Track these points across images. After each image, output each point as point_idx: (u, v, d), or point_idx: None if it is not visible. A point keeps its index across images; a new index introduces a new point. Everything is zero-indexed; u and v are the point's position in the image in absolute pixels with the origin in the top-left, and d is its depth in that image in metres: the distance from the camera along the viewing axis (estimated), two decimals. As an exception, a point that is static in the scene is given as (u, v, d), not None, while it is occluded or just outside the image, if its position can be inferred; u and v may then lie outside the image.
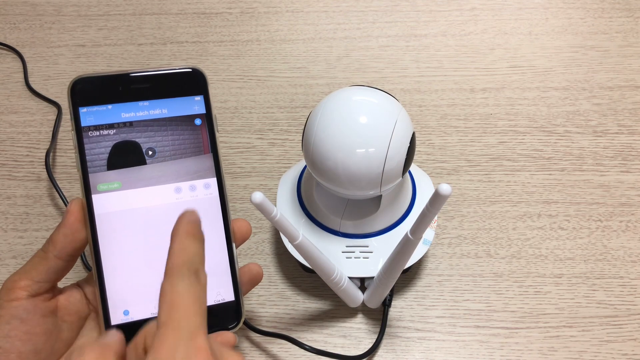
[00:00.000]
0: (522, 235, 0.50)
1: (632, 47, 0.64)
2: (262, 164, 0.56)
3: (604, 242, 0.50)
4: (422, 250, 0.43)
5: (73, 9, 0.70)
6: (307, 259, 0.38)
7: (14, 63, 0.65)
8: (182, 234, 0.24)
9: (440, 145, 0.56)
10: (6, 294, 0.28)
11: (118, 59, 0.64)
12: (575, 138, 0.56)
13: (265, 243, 0.50)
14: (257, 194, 0.33)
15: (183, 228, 0.25)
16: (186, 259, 0.24)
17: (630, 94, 0.60)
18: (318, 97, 0.61)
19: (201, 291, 0.24)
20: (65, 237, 0.29)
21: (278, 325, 0.46)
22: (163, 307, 0.23)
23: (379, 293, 0.42)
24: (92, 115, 0.30)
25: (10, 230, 0.52)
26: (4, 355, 0.27)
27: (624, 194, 0.52)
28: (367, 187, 0.39)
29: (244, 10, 0.69)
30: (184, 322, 0.22)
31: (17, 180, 0.55)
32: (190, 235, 0.25)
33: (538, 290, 0.47)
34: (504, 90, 0.61)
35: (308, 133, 0.40)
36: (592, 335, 0.45)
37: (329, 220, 0.44)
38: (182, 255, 0.24)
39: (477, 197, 0.53)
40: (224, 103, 0.60)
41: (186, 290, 0.23)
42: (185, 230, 0.25)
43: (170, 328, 0.22)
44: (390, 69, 0.63)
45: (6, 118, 0.60)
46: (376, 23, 0.68)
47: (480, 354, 0.44)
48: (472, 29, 0.67)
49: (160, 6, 0.70)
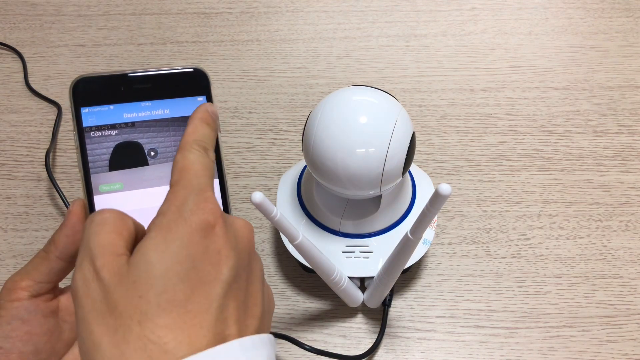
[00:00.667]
0: (522, 235, 0.50)
1: (632, 47, 0.64)
2: (262, 163, 0.56)
3: (604, 242, 0.50)
4: (422, 250, 0.43)
5: (73, 8, 0.70)
6: (307, 258, 0.38)
7: (14, 63, 0.65)
8: (196, 119, 0.27)
9: (440, 145, 0.56)
10: (7, 294, 0.28)
11: (118, 59, 0.64)
12: (575, 138, 0.56)
13: (265, 243, 0.51)
14: (257, 194, 0.33)
15: (199, 114, 0.27)
16: (197, 138, 0.26)
17: (630, 94, 0.60)
18: (318, 97, 0.61)
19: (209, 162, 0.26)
20: (67, 237, 0.29)
21: (278, 325, 0.46)
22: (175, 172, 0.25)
23: (379, 293, 0.42)
24: (93, 115, 0.30)
25: (10, 230, 0.52)
26: (5, 356, 0.27)
27: (624, 194, 0.52)
28: (367, 187, 0.39)
29: (244, 10, 0.69)
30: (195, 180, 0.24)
31: (17, 180, 0.55)
32: (203, 121, 0.27)
33: (538, 290, 0.47)
34: (504, 90, 0.61)
35: (308, 133, 0.40)
36: (592, 335, 0.45)
37: (329, 220, 0.44)
38: (193, 134, 0.26)
39: (477, 197, 0.53)
40: (224, 103, 0.60)
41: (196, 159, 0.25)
42: (200, 116, 0.27)
43: (181, 186, 0.24)
44: (390, 69, 0.63)
45: (6, 118, 0.60)
46: (376, 23, 0.68)
47: (480, 354, 0.44)
48: (472, 28, 0.67)
49: (160, 6, 0.70)
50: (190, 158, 0.25)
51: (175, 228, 0.23)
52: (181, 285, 0.22)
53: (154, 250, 0.22)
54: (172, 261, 0.22)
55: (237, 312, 0.23)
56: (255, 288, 0.25)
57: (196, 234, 0.23)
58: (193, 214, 0.23)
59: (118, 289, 0.22)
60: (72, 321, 0.30)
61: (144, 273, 0.22)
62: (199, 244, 0.23)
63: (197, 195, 0.24)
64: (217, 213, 0.24)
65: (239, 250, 0.24)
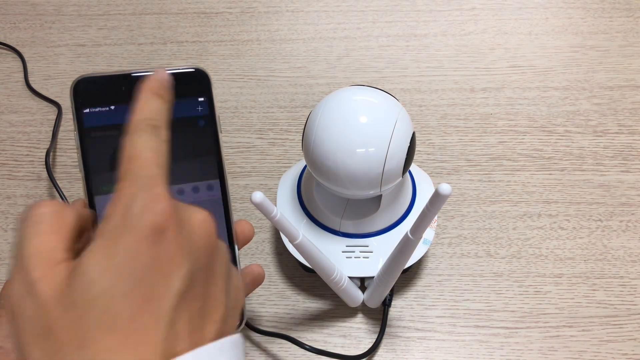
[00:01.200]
0: (522, 235, 0.50)
1: (632, 47, 0.64)
2: (262, 163, 0.56)
3: (604, 242, 0.50)
4: (422, 250, 0.43)
5: (73, 8, 0.70)
6: (307, 258, 0.38)
7: (14, 63, 0.65)
8: (145, 91, 0.24)
9: (440, 145, 0.56)
10: (7, 294, 0.28)
11: (118, 59, 0.64)
12: (575, 138, 0.56)
13: (265, 243, 0.51)
14: (257, 194, 0.33)
15: (147, 85, 0.24)
16: (146, 116, 0.23)
17: (630, 93, 0.60)
18: (318, 97, 0.61)
19: (160, 145, 0.23)
20: None
21: (278, 325, 0.46)
22: (122, 162, 0.22)
23: (379, 293, 0.42)
24: (95, 115, 0.30)
25: (10, 230, 0.52)
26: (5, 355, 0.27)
27: (624, 193, 0.52)
28: (367, 186, 0.39)
29: (244, 10, 0.69)
30: (141, 172, 0.22)
31: (17, 180, 0.55)
32: (153, 93, 0.24)
33: (538, 290, 0.47)
34: (504, 90, 0.61)
35: (308, 133, 0.40)
36: (592, 335, 0.45)
37: (329, 220, 0.44)
38: (142, 112, 0.23)
39: (477, 197, 0.53)
40: (224, 103, 0.60)
41: (144, 144, 0.22)
42: (149, 87, 0.24)
43: (127, 180, 0.21)
44: (390, 68, 0.63)
45: (6, 118, 0.60)
46: (376, 23, 0.68)
47: (480, 354, 0.44)
48: (472, 28, 0.67)
49: (160, 6, 0.70)
50: (137, 143, 0.22)
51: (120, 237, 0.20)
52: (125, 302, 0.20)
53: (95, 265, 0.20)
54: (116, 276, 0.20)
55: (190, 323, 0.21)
56: (216, 289, 0.23)
57: (143, 242, 0.20)
58: (139, 219, 0.20)
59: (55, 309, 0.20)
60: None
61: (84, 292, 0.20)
62: (146, 254, 0.20)
63: (145, 192, 0.21)
64: (168, 213, 0.21)
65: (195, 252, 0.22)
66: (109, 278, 0.20)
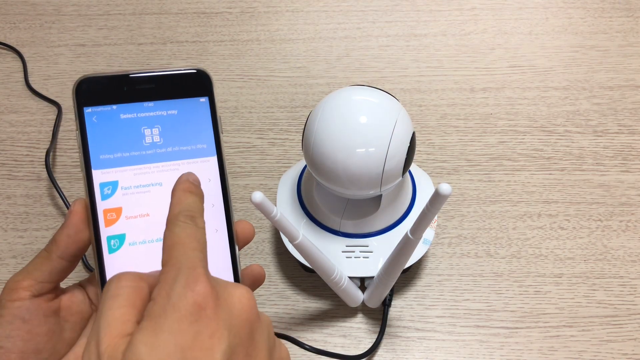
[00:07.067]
0: (522, 235, 0.50)
1: (632, 47, 0.64)
2: (262, 163, 0.56)
3: (604, 242, 0.50)
4: (422, 250, 0.44)
5: (73, 8, 0.70)
6: (307, 258, 0.38)
7: (14, 63, 0.65)
8: (179, 190, 0.26)
9: (440, 145, 0.56)
10: (8, 294, 0.28)
11: (118, 59, 0.64)
12: (575, 138, 0.56)
13: (265, 243, 0.51)
14: (257, 194, 0.33)
15: (181, 186, 0.27)
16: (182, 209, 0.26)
17: (630, 93, 0.60)
18: (318, 97, 0.61)
19: (198, 232, 0.25)
20: (68, 237, 0.29)
21: (278, 325, 0.46)
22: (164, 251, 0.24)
23: (379, 293, 0.42)
24: (96, 115, 0.30)
25: (10, 230, 0.52)
26: (6, 355, 0.27)
27: (624, 193, 0.53)
28: (367, 186, 0.39)
29: (244, 10, 0.69)
30: (183, 257, 0.24)
31: (17, 180, 0.55)
32: (187, 191, 0.26)
33: (538, 290, 0.47)
34: (504, 90, 0.61)
35: (308, 133, 0.40)
36: (592, 335, 0.45)
37: (329, 220, 0.44)
38: (178, 206, 0.26)
39: (477, 197, 0.53)
40: (224, 103, 0.60)
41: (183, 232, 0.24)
42: (182, 187, 0.27)
43: (170, 265, 0.24)
44: (390, 68, 0.63)
45: (6, 118, 0.60)
46: (376, 23, 0.68)
47: (480, 354, 0.44)
48: (472, 28, 0.67)
49: (160, 6, 0.70)
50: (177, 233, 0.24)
51: (164, 317, 0.22)
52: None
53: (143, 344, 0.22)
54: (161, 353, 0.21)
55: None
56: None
57: (185, 321, 0.22)
58: (181, 298, 0.22)
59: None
60: (73, 321, 0.30)
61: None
62: (188, 331, 0.22)
63: (186, 275, 0.23)
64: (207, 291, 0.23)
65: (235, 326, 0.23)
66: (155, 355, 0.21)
